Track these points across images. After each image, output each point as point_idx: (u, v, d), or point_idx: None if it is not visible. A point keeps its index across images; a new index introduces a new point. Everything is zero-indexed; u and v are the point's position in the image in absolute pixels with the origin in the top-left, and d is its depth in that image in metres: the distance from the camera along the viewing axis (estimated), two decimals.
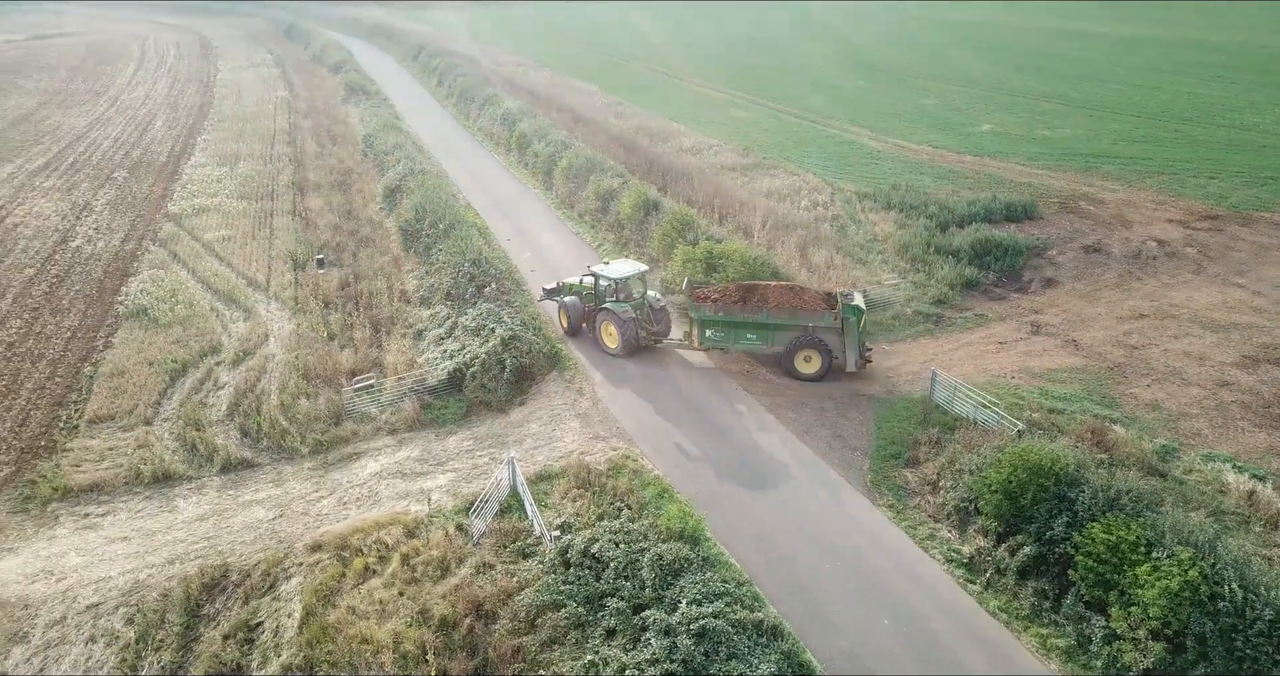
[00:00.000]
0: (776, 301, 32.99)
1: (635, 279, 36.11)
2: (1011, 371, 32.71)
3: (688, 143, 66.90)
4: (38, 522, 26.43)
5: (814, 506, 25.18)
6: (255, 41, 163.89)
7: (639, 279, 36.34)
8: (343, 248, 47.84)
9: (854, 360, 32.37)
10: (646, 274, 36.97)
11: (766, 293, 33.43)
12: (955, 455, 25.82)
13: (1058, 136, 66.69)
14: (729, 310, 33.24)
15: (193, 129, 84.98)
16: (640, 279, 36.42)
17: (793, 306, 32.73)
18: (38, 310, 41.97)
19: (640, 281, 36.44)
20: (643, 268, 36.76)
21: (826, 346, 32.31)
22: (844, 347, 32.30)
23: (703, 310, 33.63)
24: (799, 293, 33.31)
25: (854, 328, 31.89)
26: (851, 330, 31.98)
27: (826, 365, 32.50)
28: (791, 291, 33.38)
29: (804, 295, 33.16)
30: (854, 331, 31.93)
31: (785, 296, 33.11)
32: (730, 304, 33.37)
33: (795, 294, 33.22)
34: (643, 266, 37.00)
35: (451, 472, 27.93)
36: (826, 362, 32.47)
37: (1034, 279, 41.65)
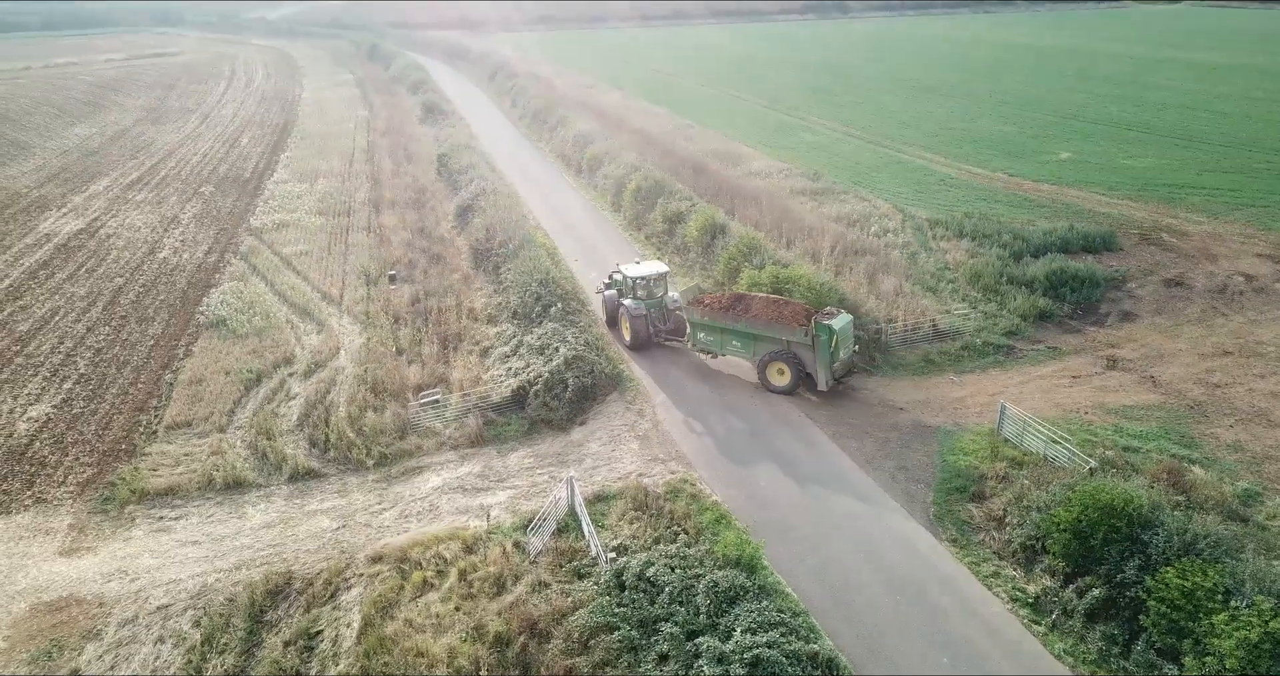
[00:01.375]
0: (758, 312, 33.74)
1: (655, 279, 38.24)
2: (1085, 407, 31.76)
3: (757, 166, 66.85)
4: (115, 523, 27.43)
5: (875, 538, 24.71)
6: (339, 62, 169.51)
7: (660, 280, 38.42)
8: (414, 264, 48.89)
9: (824, 378, 32.45)
10: (668, 276, 39.13)
11: (751, 303, 34.32)
12: (1023, 491, 25.13)
13: (1140, 166, 64.87)
14: (715, 316, 34.44)
15: (276, 146, 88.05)
16: (662, 280, 38.49)
17: (770, 319, 33.26)
18: (125, 318, 43.78)
19: (661, 282, 38.48)
20: (664, 269, 38.92)
21: (799, 361, 32.68)
22: (815, 365, 32.43)
23: (693, 314, 35.21)
24: (781, 306, 33.74)
25: (824, 346, 31.84)
26: (822, 348, 31.90)
27: (796, 380, 32.93)
28: (775, 304, 33.93)
29: (785, 309, 33.48)
30: (824, 350, 31.89)
31: (767, 308, 33.75)
32: (717, 311, 34.46)
33: (778, 307, 33.71)
34: (664, 268, 39.16)
35: (511, 489, 28.18)
36: (797, 378, 32.87)
37: (1111, 312, 40.42)
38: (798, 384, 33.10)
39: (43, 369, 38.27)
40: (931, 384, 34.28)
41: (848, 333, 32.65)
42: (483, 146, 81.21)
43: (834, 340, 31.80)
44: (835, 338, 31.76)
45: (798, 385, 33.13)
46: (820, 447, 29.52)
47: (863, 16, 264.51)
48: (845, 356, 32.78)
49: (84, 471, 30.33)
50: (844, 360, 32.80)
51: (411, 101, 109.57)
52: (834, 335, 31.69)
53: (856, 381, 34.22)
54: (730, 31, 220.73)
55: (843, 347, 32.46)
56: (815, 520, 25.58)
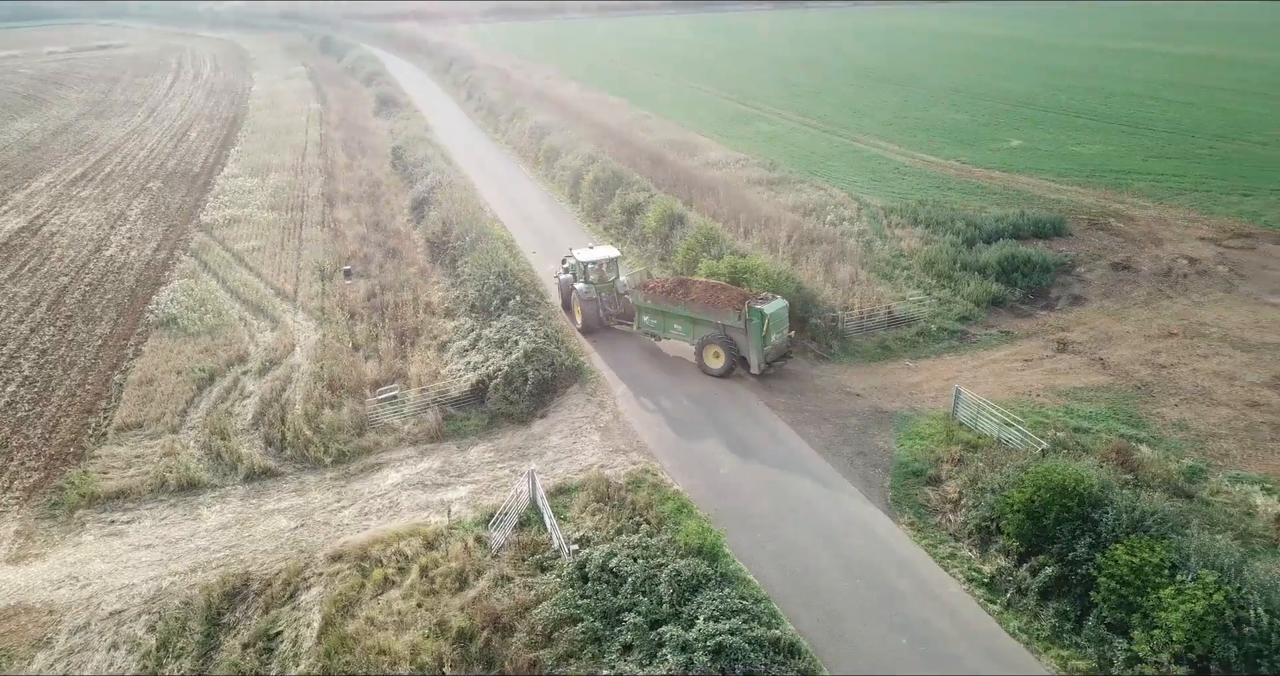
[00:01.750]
0: (697, 296, 34.54)
1: (606, 264, 39.28)
2: (1037, 390, 32.35)
3: (715, 156, 67.00)
4: (64, 529, 26.83)
5: (834, 523, 24.98)
6: (291, 54, 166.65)
7: (611, 264, 39.45)
8: (370, 259, 48.33)
9: (756, 361, 33.22)
10: (619, 260, 40.11)
11: (691, 288, 35.17)
12: (978, 474, 25.55)
13: (1089, 153, 66.07)
14: (658, 300, 35.47)
15: (226, 140, 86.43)
16: (613, 265, 39.51)
17: (706, 303, 34.06)
18: (71, 318, 42.76)
19: (613, 267, 39.50)
20: (615, 254, 39.99)
21: (733, 345, 33.46)
22: (749, 348, 33.21)
23: (638, 298, 36.38)
24: (719, 291, 34.49)
25: (756, 330, 32.56)
26: (754, 332, 32.59)
27: (730, 363, 33.69)
28: (713, 289, 34.72)
29: (722, 294, 34.17)
30: (756, 334, 32.60)
31: (706, 293, 34.52)
32: (659, 295, 35.46)
33: (715, 292, 34.46)
34: (615, 253, 40.26)
35: (472, 484, 28.04)
36: (731, 361, 33.64)
37: (1061, 296, 41.19)
38: (732, 367, 33.83)
39: None
40: (887, 370, 34.69)
41: (780, 317, 33.27)
42: (438, 139, 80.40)
43: (765, 324, 32.45)
44: (767, 322, 32.43)
45: (733, 368, 33.86)
46: (780, 435, 29.75)
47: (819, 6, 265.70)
48: (778, 340, 33.46)
49: (30, 476, 29.59)
50: (776, 344, 33.47)
51: (365, 94, 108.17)
52: (765, 319, 32.35)
53: (816, 370, 34.59)
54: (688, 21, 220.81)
55: (775, 332, 33.11)
56: (775, 507, 25.80)
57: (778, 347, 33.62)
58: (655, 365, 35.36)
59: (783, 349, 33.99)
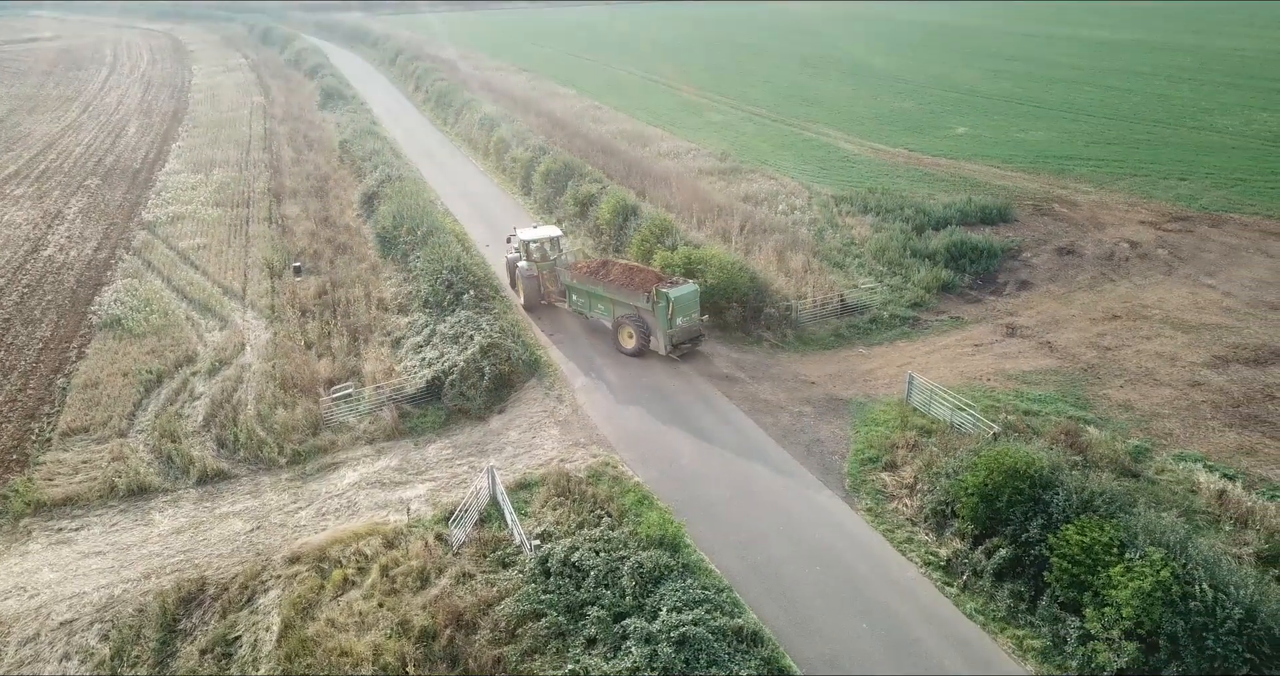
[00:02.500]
0: (614, 277, 35.80)
1: (549, 243, 40.33)
2: (987, 374, 33.00)
3: (666, 147, 67.08)
4: (9, 538, 26.08)
5: (793, 511, 25.27)
6: (231, 46, 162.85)
7: (553, 243, 40.47)
8: (320, 255, 47.57)
9: (663, 343, 34.31)
10: (560, 239, 41.06)
11: (611, 269, 36.41)
12: (932, 458, 26.04)
13: (1032, 139, 67.38)
14: (582, 279, 36.89)
15: (166, 135, 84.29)
16: (555, 244, 40.51)
17: (622, 284, 35.24)
18: (9, 321, 41.46)
19: (555, 246, 40.47)
20: (556, 233, 40.90)
21: (645, 326, 34.53)
22: (656, 330, 34.37)
23: (566, 277, 38.03)
24: (635, 273, 35.59)
25: (662, 313, 33.57)
26: (660, 315, 33.62)
27: (641, 344, 34.82)
28: (631, 271, 35.83)
29: (638, 276, 35.24)
30: (662, 316, 33.61)
31: (623, 275, 35.71)
32: (584, 274, 36.90)
33: (632, 274, 35.61)
34: (557, 232, 41.07)
35: (431, 482, 27.83)
36: (642, 342, 34.78)
37: (1009, 281, 42.01)
38: (644, 347, 34.89)
39: None
40: (842, 357, 35.12)
41: (688, 302, 33.99)
42: (386, 132, 79.32)
43: (671, 307, 33.35)
44: (672, 305, 33.31)
45: (644, 348, 34.92)
46: (738, 424, 29.97)
47: None
48: (685, 323, 34.21)
49: None
50: (684, 327, 34.26)
51: (310, 86, 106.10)
52: (670, 302, 33.25)
53: (772, 359, 34.89)
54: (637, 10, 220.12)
55: (681, 315, 33.87)
56: (735, 496, 26.00)
57: (686, 331, 34.42)
58: (613, 359, 35.33)
59: (693, 332, 34.83)
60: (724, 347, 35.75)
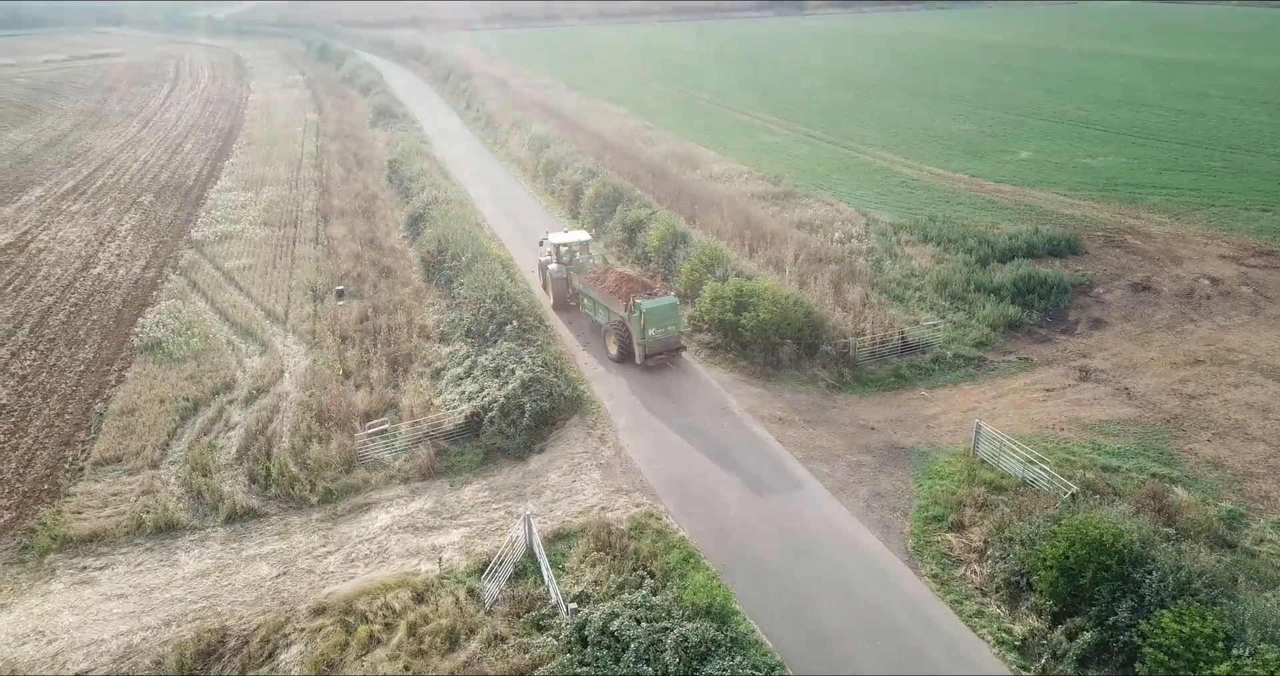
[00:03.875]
0: (608, 285, 37.03)
1: (578, 246, 41.80)
2: (1060, 422, 30.80)
3: (717, 169, 65.59)
4: (33, 576, 25.30)
5: (852, 575, 23.40)
6: (289, 62, 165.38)
7: (582, 247, 41.95)
8: (363, 278, 46.79)
9: (638, 353, 35.05)
10: (589, 244, 42.61)
11: (608, 277, 37.61)
12: (1004, 520, 23.97)
13: (1100, 165, 64.63)
14: (588, 284, 38.51)
15: (221, 152, 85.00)
16: (584, 247, 41.97)
17: (610, 292, 36.51)
18: (53, 341, 41.25)
19: (584, 249, 41.94)
20: (585, 238, 42.45)
21: (627, 335, 35.39)
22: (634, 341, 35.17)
23: (576, 281, 39.97)
24: (625, 282, 36.49)
25: (635, 323, 34.44)
26: (634, 324, 34.53)
27: (623, 351, 35.77)
28: (623, 280, 36.73)
29: (626, 285, 36.11)
30: (635, 326, 34.49)
31: (616, 283, 36.76)
32: (589, 279, 38.52)
33: (623, 282, 36.54)
34: (585, 236, 42.65)
35: (465, 527, 26.48)
36: (623, 348, 35.73)
37: (1080, 319, 39.66)
38: (625, 355, 35.75)
39: None
40: (902, 400, 33.16)
41: (661, 314, 34.35)
42: (436, 151, 78.96)
43: (643, 318, 34.04)
44: (643, 316, 33.99)
45: (625, 356, 35.74)
46: (791, 473, 28.16)
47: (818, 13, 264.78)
48: (659, 334, 34.58)
49: (1, 516, 28.04)
50: (658, 338, 34.65)
51: (363, 104, 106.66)
52: (642, 313, 33.97)
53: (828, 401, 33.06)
54: (688, 29, 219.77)
55: (654, 327, 34.33)
56: (788, 556, 24.21)
57: (662, 342, 34.83)
58: (659, 395, 33.76)
59: (670, 344, 35.17)
60: (777, 387, 33.98)
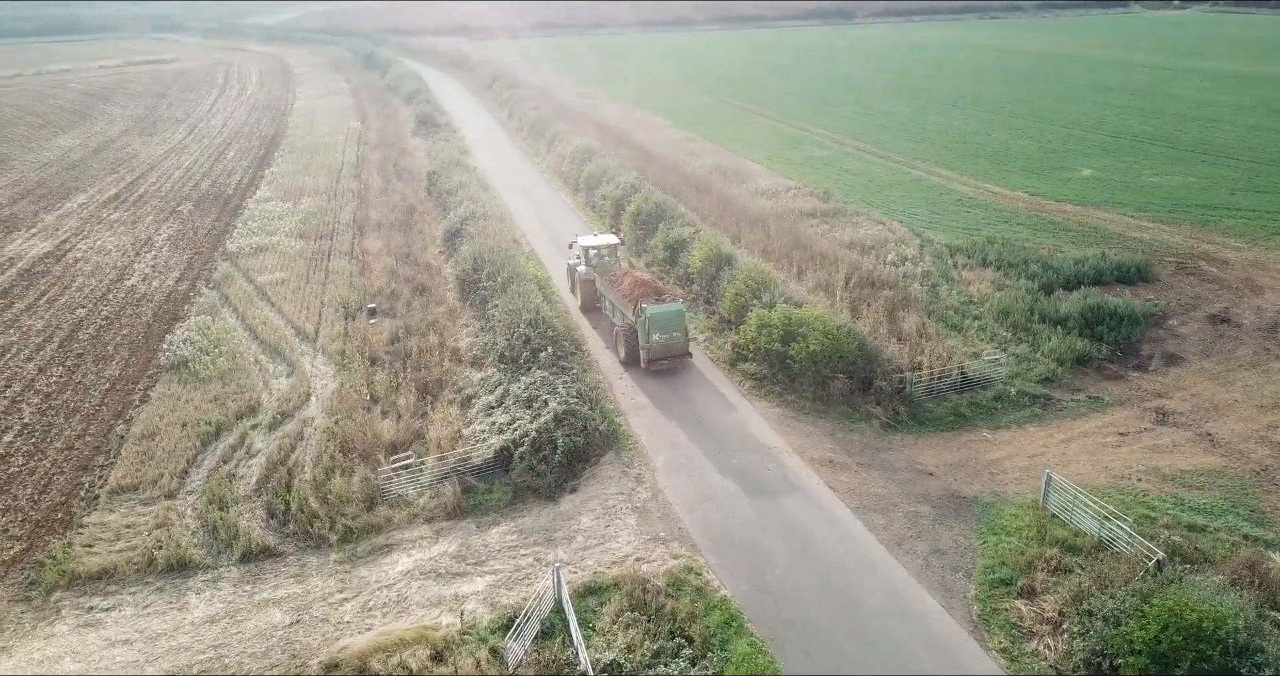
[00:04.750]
0: (623, 289, 37.77)
1: (606, 250, 43.17)
2: (1137, 472, 28.31)
3: (764, 184, 63.52)
4: (38, 615, 24.01)
5: (910, 646, 21.20)
6: (335, 69, 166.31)
7: (611, 250, 43.24)
8: (397, 295, 45.43)
9: (642, 357, 36.12)
10: (618, 247, 43.80)
11: (624, 280, 38.45)
12: (1082, 590, 21.62)
13: (1168, 184, 61.41)
14: (607, 287, 39.35)
15: (263, 160, 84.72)
16: (612, 251, 43.28)
17: (623, 295, 37.35)
18: (81, 357, 40.40)
19: (612, 253, 43.20)
20: (614, 241, 43.92)
21: (635, 339, 36.16)
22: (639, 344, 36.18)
23: (600, 283, 40.78)
24: (639, 286, 37.22)
25: (641, 327, 35.42)
26: (640, 329, 35.55)
27: (629, 355, 36.72)
28: (639, 284, 37.51)
29: (639, 290, 36.81)
30: (642, 330, 35.48)
31: (630, 287, 37.49)
32: (608, 281, 39.44)
33: (636, 286, 37.28)
34: (614, 240, 44.12)
35: (491, 575, 24.71)
36: (630, 353, 36.68)
37: (1154, 355, 36.92)
38: (632, 358, 36.63)
39: None
40: (963, 442, 30.81)
41: (666, 321, 35.22)
42: (476, 162, 77.82)
43: (647, 323, 34.99)
44: (648, 321, 34.94)
45: (633, 360, 36.65)
46: (842, 524, 26.00)
47: (868, 23, 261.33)
48: (663, 340, 35.42)
49: (12, 547, 26.88)
50: (662, 344, 35.50)
51: (405, 112, 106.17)
52: (647, 319, 34.92)
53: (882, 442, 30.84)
54: (733, 38, 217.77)
55: (658, 331, 35.20)
56: (840, 622, 22.07)
57: (666, 347, 35.64)
58: (700, 430, 31.77)
59: (674, 351, 35.92)
60: (827, 425, 31.80)
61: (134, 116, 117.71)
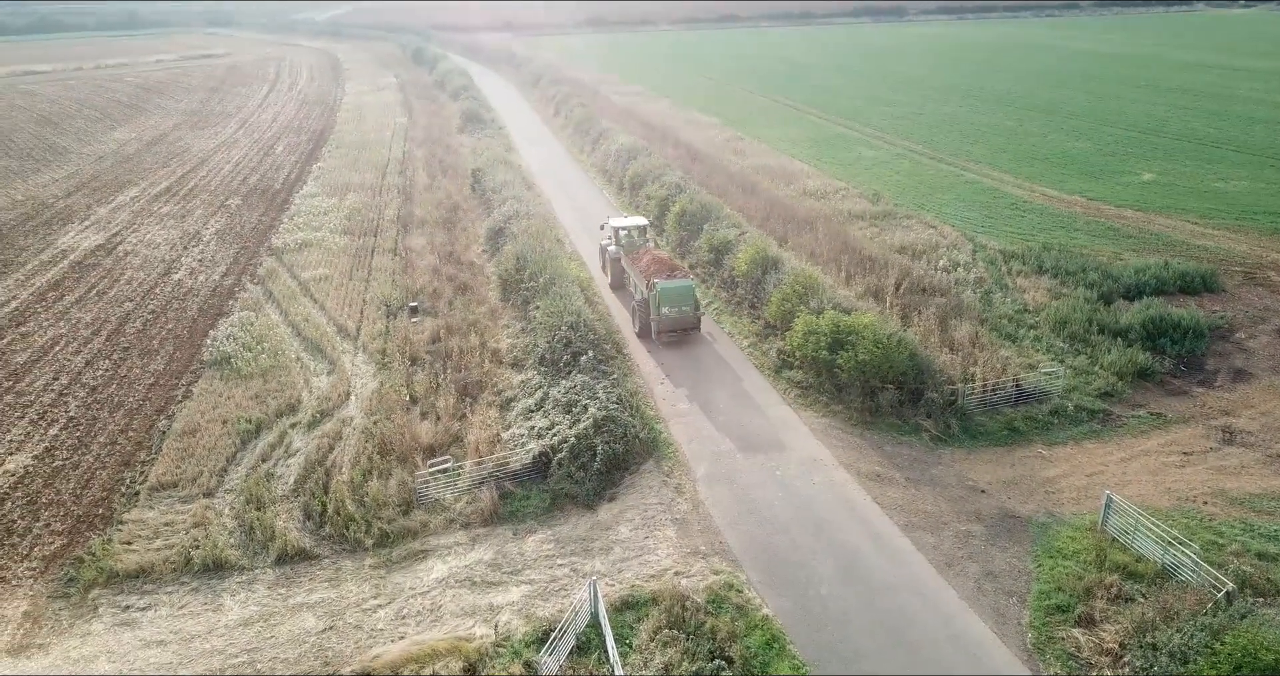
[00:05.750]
0: (642, 265, 40.66)
1: (636, 230, 45.41)
2: (1203, 494, 26.97)
3: (812, 185, 62.37)
4: (75, 612, 24.00)
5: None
6: (383, 65, 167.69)
7: (640, 231, 45.50)
8: (439, 294, 45.22)
9: (654, 330, 38.74)
10: (647, 228, 46.13)
11: (643, 257, 41.50)
12: (1145, 621, 20.50)
13: (1234, 190, 59.14)
14: (629, 263, 42.58)
15: (310, 155, 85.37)
16: (642, 232, 45.55)
17: (640, 270, 40.45)
18: (128, 350, 40.75)
19: (642, 234, 45.49)
20: (643, 222, 46.15)
21: (647, 311, 39.01)
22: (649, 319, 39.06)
23: (624, 261, 43.65)
24: (655, 263, 40.13)
25: (652, 300, 38.25)
26: (651, 302, 38.40)
27: (643, 327, 39.68)
28: (656, 261, 40.40)
29: (654, 266, 39.73)
30: (653, 304, 38.27)
31: (648, 264, 40.38)
32: (631, 259, 42.66)
33: (652, 263, 40.25)
34: (643, 221, 46.38)
35: (526, 585, 24.20)
36: (644, 326, 39.60)
37: (1220, 369, 35.34)
38: (645, 330, 39.48)
39: (31, 410, 35.21)
40: (1017, 458, 29.64)
41: (675, 295, 38.01)
42: (521, 160, 77.60)
43: (657, 297, 37.85)
44: (658, 295, 37.81)
45: (645, 331, 39.47)
46: (890, 543, 25.07)
47: (919, 20, 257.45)
48: (671, 313, 38.16)
49: (53, 542, 26.99)
50: (670, 317, 38.27)
51: (452, 108, 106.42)
52: (658, 292, 37.81)
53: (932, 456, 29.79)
54: (781, 35, 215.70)
55: (667, 305, 37.95)
56: (887, 645, 21.18)
57: (674, 320, 38.38)
58: (742, 441, 30.96)
59: (683, 324, 38.70)
60: (875, 437, 30.82)
61: (187, 110, 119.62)
